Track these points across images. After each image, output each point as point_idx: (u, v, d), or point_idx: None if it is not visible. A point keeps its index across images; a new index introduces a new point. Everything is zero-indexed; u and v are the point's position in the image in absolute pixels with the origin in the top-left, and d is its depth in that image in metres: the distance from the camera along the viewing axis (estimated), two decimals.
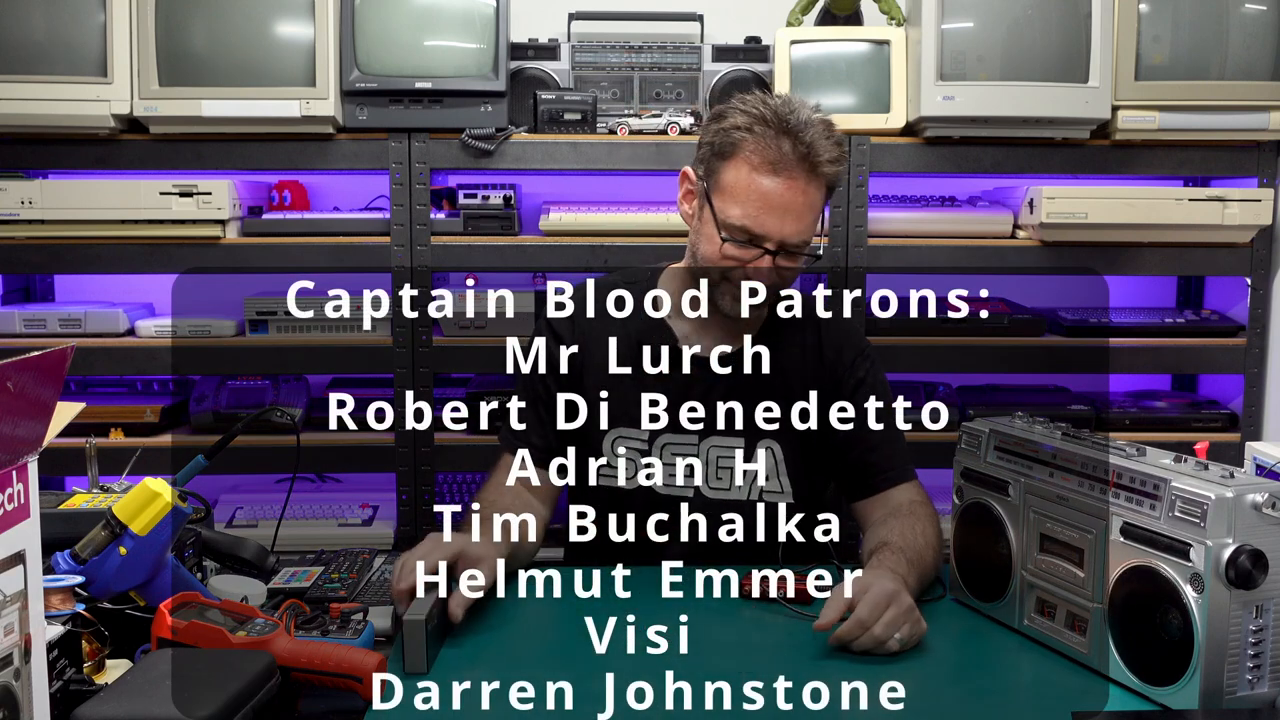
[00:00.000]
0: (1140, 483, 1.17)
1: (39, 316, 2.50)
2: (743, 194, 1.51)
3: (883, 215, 2.53)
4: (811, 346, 1.67)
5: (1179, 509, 1.12)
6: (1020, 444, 1.35)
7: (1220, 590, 1.08)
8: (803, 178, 1.50)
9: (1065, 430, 1.35)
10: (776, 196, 1.49)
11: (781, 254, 1.53)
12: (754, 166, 1.50)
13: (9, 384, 0.80)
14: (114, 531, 1.18)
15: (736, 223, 1.51)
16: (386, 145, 2.44)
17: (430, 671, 1.21)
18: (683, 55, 2.60)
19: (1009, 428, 1.39)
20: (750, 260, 1.53)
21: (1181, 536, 1.11)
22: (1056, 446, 1.29)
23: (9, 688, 0.84)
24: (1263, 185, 2.50)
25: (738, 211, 1.51)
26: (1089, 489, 1.24)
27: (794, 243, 1.52)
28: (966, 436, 1.44)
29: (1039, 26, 2.43)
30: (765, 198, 1.50)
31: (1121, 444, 1.26)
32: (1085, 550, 1.25)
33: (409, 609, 1.23)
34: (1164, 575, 1.13)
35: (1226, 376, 2.66)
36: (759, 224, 1.50)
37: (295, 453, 2.20)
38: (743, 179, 1.51)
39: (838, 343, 1.67)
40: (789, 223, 1.50)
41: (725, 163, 1.53)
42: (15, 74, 2.33)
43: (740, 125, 1.51)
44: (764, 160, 1.49)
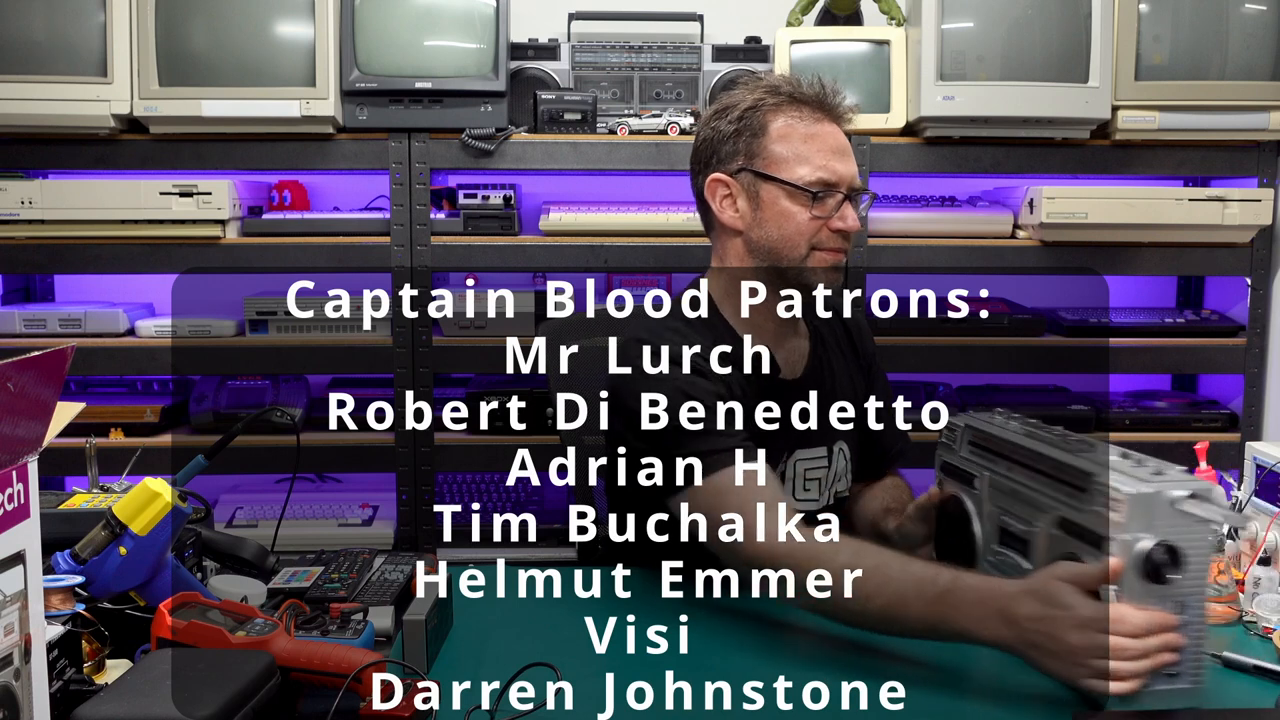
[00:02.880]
0: (1072, 477, 1.18)
1: (39, 316, 2.50)
2: (806, 150, 1.46)
3: (883, 215, 2.53)
4: (844, 339, 1.67)
5: (1102, 504, 1.12)
6: (988, 439, 1.35)
7: (1135, 585, 1.08)
8: (839, 122, 1.50)
9: (1035, 426, 1.34)
10: (833, 139, 1.48)
11: (852, 198, 1.49)
12: (801, 119, 1.47)
13: (9, 384, 0.80)
14: (114, 531, 1.18)
15: (814, 176, 1.45)
16: (386, 145, 2.44)
17: (430, 671, 1.21)
18: (683, 55, 2.60)
19: (982, 423, 1.39)
20: (838, 211, 1.47)
21: (1102, 531, 1.11)
22: (1017, 441, 1.29)
23: (9, 688, 0.84)
24: (1263, 185, 2.51)
25: (808, 168, 1.46)
26: (1038, 483, 1.25)
27: (859, 185, 1.50)
28: (946, 431, 1.45)
29: (1039, 26, 2.43)
30: (826, 143, 1.47)
31: (1084, 439, 1.25)
32: (1030, 543, 1.26)
33: (409, 609, 1.23)
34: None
35: (1226, 376, 2.66)
36: (833, 171, 1.46)
37: (295, 453, 2.21)
38: (797, 136, 1.46)
39: (859, 332, 1.70)
40: (850, 163, 1.49)
41: (764, 137, 1.47)
42: (15, 74, 2.33)
43: (758, 102, 1.48)
44: (808, 113, 1.47)
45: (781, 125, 1.47)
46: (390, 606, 1.34)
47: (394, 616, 1.33)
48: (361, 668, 1.09)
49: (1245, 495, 1.59)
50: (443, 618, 1.31)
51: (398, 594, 1.37)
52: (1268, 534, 1.47)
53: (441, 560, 1.52)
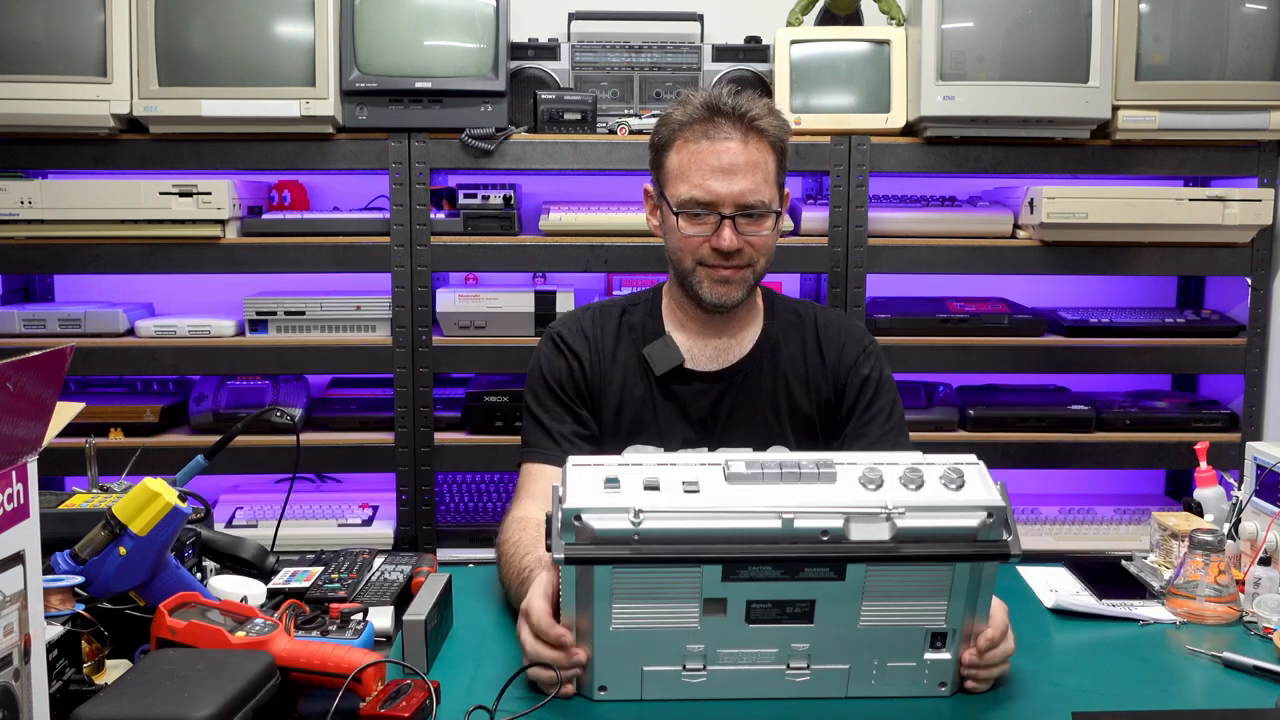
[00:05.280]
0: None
1: (39, 316, 2.50)
2: (686, 169, 1.54)
3: (883, 215, 2.53)
4: (812, 349, 1.67)
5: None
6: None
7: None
8: (738, 135, 1.52)
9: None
10: (715, 158, 1.52)
11: (741, 217, 1.53)
12: (690, 140, 1.54)
13: (9, 384, 0.80)
14: (114, 531, 1.18)
15: (688, 195, 1.53)
16: (386, 145, 2.44)
17: (430, 671, 1.21)
18: (683, 55, 2.60)
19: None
20: (712, 232, 1.53)
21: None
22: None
23: (9, 688, 0.84)
24: (1263, 185, 2.50)
25: (686, 186, 1.54)
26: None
27: (749, 202, 1.53)
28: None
29: (1039, 26, 2.43)
30: (705, 163, 1.52)
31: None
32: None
33: (409, 609, 1.23)
34: None
35: (1227, 376, 2.66)
36: (706, 190, 1.52)
37: (295, 453, 2.21)
38: (683, 157, 1.54)
39: (839, 342, 1.67)
40: (736, 182, 1.52)
41: (667, 154, 1.57)
42: (15, 74, 2.33)
43: (673, 117, 1.56)
44: (698, 132, 1.53)
45: (679, 142, 1.55)
46: (390, 606, 1.34)
47: (394, 616, 1.33)
48: (361, 668, 1.09)
49: (1245, 495, 1.59)
50: (443, 618, 1.31)
51: (398, 594, 1.37)
52: (1268, 534, 1.47)
53: (441, 560, 1.53)
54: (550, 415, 1.62)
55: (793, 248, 2.49)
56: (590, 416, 1.64)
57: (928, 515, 1.11)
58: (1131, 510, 2.68)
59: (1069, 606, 1.44)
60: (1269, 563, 1.45)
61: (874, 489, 1.12)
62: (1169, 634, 1.38)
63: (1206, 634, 1.37)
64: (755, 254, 1.57)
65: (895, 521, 1.10)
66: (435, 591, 1.29)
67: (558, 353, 1.66)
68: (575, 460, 1.17)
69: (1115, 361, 2.57)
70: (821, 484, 1.13)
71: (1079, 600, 1.46)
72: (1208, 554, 1.42)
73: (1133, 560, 1.62)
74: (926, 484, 1.13)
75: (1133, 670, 1.27)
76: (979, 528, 1.11)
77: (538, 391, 1.65)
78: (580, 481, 1.13)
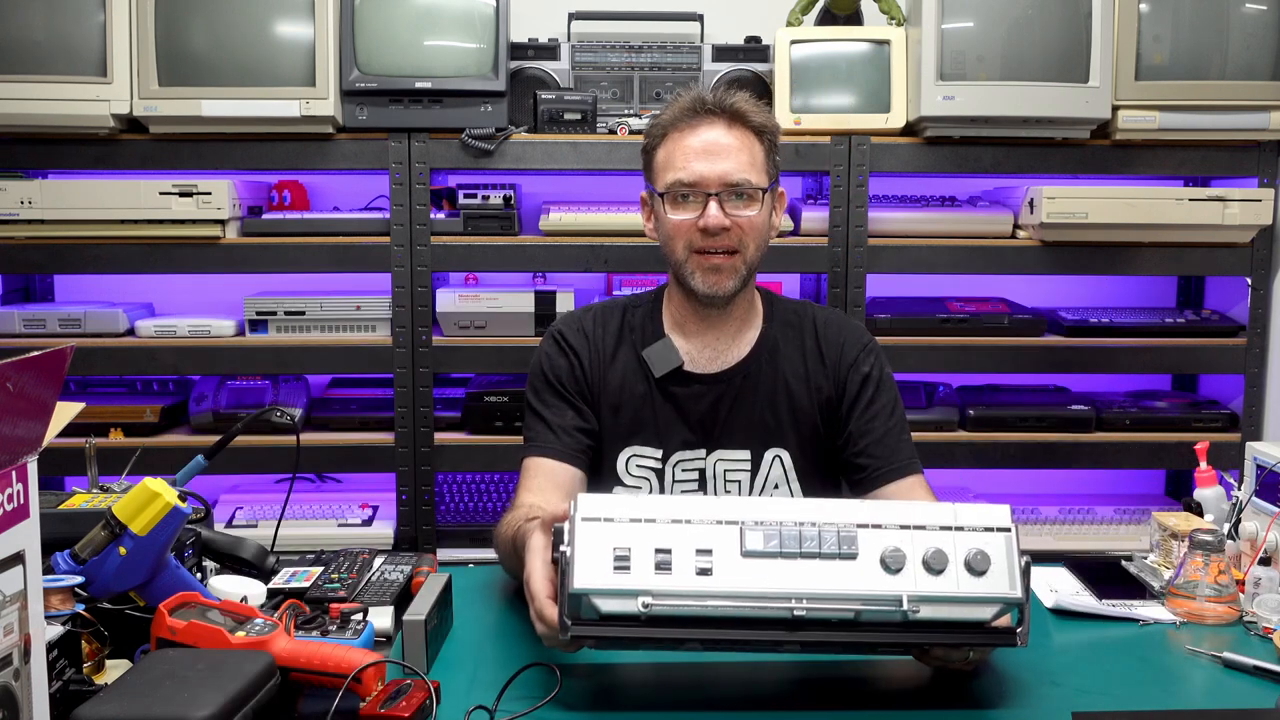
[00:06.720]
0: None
1: (39, 316, 2.50)
2: (672, 157, 1.57)
3: (883, 215, 2.53)
4: (811, 350, 1.67)
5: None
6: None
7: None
8: (722, 122, 1.55)
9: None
10: (699, 142, 1.55)
11: (729, 197, 1.54)
12: (677, 133, 1.57)
13: (9, 384, 0.80)
14: (114, 531, 1.18)
15: (673, 178, 1.55)
16: (386, 145, 2.44)
17: (430, 671, 1.21)
18: (683, 55, 2.60)
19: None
20: (700, 215, 1.54)
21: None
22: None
23: (9, 688, 0.83)
24: (1263, 185, 2.50)
25: (671, 172, 1.56)
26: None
27: (735, 180, 1.53)
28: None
29: (1039, 26, 2.43)
30: (689, 148, 1.55)
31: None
32: None
33: (409, 609, 1.23)
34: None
35: (1227, 376, 2.66)
36: (690, 171, 1.54)
37: (295, 453, 2.21)
38: (669, 148, 1.58)
39: (838, 341, 1.67)
40: (719, 162, 1.54)
41: (655, 152, 1.60)
42: (15, 74, 2.33)
43: (660, 119, 1.60)
44: (685, 125, 1.56)
45: (667, 138, 1.59)
46: (390, 606, 1.34)
47: (394, 616, 1.33)
48: (361, 668, 1.09)
49: (1245, 495, 1.59)
50: (443, 618, 1.31)
51: (398, 594, 1.37)
52: (1268, 534, 1.47)
53: (441, 560, 1.53)
54: (551, 410, 1.63)
55: (793, 248, 2.49)
56: (591, 412, 1.64)
57: (944, 608, 1.09)
58: (1131, 510, 2.68)
59: (1069, 606, 1.44)
60: (1269, 563, 1.45)
61: (893, 573, 1.10)
62: (1169, 634, 1.38)
63: (1206, 634, 1.37)
64: (744, 237, 1.56)
65: (909, 616, 1.08)
66: (435, 591, 1.28)
67: (559, 351, 1.66)
68: (585, 512, 1.11)
69: (1115, 361, 2.57)
70: (841, 561, 1.10)
71: (1079, 600, 1.46)
72: (1208, 554, 1.42)
73: (1133, 560, 1.62)
74: (949, 567, 1.10)
75: (1133, 670, 1.27)
76: (993, 616, 1.11)
77: (538, 388, 1.65)
78: (588, 551, 1.09)
